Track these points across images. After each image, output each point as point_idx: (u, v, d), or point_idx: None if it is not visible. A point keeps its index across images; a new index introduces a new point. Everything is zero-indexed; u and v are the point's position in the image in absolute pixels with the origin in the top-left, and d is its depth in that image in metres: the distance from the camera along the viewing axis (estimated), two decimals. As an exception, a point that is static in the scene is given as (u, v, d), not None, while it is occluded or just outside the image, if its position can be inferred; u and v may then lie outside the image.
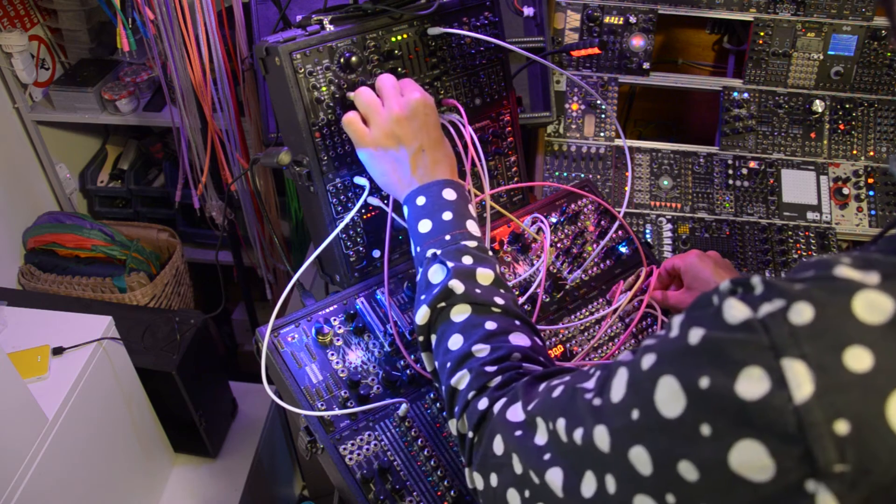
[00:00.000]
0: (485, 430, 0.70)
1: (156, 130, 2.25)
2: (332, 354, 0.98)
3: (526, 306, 1.08)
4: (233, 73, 1.64)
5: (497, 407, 0.69)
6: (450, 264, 0.81)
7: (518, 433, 0.65)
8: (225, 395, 1.65)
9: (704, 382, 0.45)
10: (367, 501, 0.88)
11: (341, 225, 1.04)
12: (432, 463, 0.92)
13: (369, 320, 1.02)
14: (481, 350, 0.75)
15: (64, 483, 1.13)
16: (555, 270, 1.15)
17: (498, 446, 0.67)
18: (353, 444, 0.91)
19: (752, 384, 0.42)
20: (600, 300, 1.15)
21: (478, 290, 0.79)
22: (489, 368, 0.73)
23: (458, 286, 0.79)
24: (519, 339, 0.77)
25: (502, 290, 0.82)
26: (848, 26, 1.60)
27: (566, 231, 1.19)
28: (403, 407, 0.94)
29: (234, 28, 1.60)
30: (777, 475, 0.42)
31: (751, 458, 0.42)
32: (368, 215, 1.08)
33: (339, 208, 1.05)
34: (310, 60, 0.98)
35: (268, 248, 1.98)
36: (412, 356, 1.00)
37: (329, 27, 1.00)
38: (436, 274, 0.82)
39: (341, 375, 0.96)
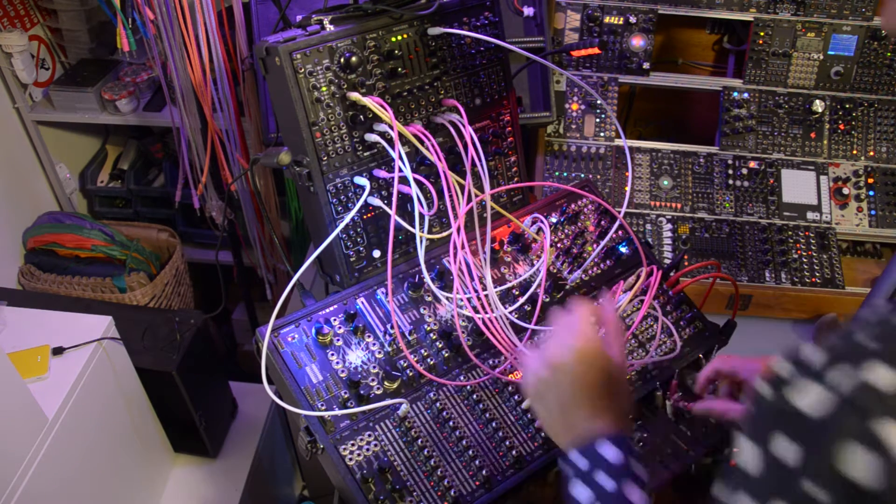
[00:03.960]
0: None
1: (156, 130, 2.25)
2: (332, 354, 0.98)
3: (526, 307, 1.08)
4: (233, 73, 1.63)
5: None
6: None
7: None
8: (225, 395, 1.65)
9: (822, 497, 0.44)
10: (367, 501, 0.88)
11: (341, 225, 1.04)
12: (432, 463, 0.92)
13: (369, 320, 1.02)
14: None
15: (64, 483, 1.13)
16: (555, 270, 1.15)
17: None
18: (353, 444, 0.91)
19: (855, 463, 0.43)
20: (601, 300, 1.14)
21: None
22: None
23: None
24: None
25: None
26: (848, 26, 1.60)
27: (566, 231, 1.19)
28: (403, 407, 0.94)
29: (234, 28, 1.60)
30: None
31: None
32: (368, 215, 1.08)
33: (339, 208, 1.05)
34: (310, 60, 0.98)
35: (268, 248, 1.98)
36: (412, 356, 1.00)
37: (329, 27, 1.00)
38: None
39: (341, 375, 0.96)
